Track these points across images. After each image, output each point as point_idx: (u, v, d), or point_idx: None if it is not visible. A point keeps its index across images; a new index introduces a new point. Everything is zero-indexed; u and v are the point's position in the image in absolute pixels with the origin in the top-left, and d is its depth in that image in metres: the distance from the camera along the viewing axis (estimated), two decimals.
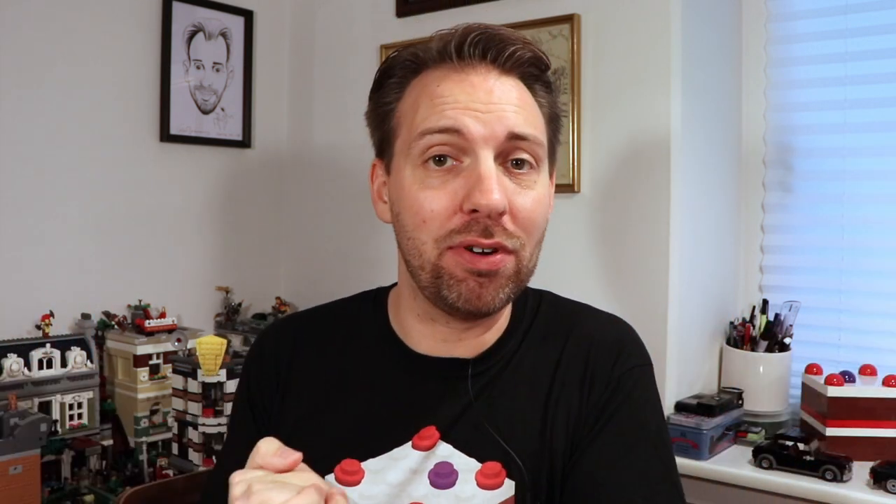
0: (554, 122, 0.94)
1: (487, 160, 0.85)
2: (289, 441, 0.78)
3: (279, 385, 0.99)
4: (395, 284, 1.01)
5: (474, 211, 0.83)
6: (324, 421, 0.94)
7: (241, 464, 0.74)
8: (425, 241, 0.87)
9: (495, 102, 0.86)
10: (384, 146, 0.94)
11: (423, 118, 0.87)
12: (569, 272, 1.75)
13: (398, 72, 0.92)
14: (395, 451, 0.90)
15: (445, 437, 0.89)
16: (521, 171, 0.88)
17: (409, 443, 0.90)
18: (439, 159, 0.86)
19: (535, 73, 0.91)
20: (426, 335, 0.95)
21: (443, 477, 0.87)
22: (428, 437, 0.90)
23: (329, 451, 0.90)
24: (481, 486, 0.86)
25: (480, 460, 0.88)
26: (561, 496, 0.88)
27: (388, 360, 0.96)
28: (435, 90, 0.88)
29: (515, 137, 0.86)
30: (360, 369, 0.97)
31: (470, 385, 0.91)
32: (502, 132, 0.85)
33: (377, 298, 1.03)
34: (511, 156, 0.87)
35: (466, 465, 0.88)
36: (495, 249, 0.85)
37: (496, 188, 0.83)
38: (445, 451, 0.88)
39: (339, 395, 0.96)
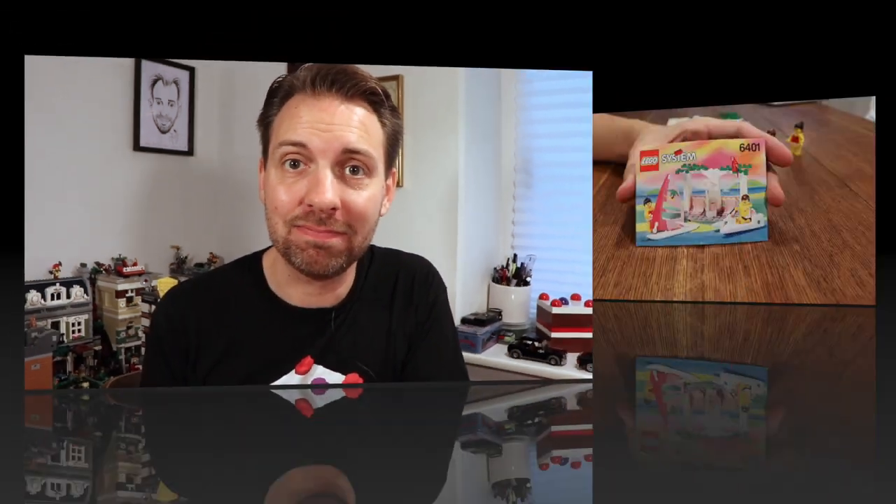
0: (394, 138, 1.05)
1: (324, 168, 0.95)
2: (208, 378, 0.92)
3: (189, 347, 1.06)
4: (265, 250, 1.14)
5: (311, 205, 0.93)
6: (232, 364, 1.06)
7: (163, 375, 0.86)
8: (277, 222, 0.98)
9: (336, 123, 0.92)
10: (264, 148, 1.06)
11: (284, 132, 0.95)
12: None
13: (280, 93, 1.01)
14: (283, 378, 1.03)
15: (318, 362, 1.05)
16: (356, 176, 0.97)
17: (293, 371, 1.04)
18: (294, 163, 0.96)
19: (378, 101, 1.00)
20: (298, 290, 1.05)
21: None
22: (306, 364, 1.03)
23: (241, 384, 0.99)
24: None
25: (344, 374, 1.06)
26: (402, 379, 1.03)
27: (272, 314, 1.04)
28: (294, 111, 0.96)
29: (350, 151, 0.95)
30: (251, 323, 1.04)
31: (333, 326, 1.01)
32: (339, 147, 0.93)
33: (252, 265, 1.12)
34: (348, 164, 0.98)
35: (335, 379, 1.03)
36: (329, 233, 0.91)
37: (329, 189, 0.91)
38: (319, 372, 1.04)
39: (241, 344, 1.05)
